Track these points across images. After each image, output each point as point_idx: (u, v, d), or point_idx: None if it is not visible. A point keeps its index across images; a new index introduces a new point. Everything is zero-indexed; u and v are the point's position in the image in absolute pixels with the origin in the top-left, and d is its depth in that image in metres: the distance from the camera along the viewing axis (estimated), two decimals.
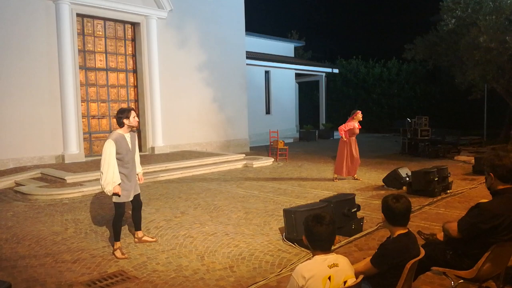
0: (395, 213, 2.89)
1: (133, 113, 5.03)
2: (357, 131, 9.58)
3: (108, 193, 4.93)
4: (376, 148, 16.77)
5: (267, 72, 21.12)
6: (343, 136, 9.37)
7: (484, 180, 3.49)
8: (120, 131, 5.03)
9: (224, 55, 15.34)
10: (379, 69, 27.11)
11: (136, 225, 5.48)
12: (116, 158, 4.92)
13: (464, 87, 16.21)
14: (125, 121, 4.99)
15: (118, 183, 4.91)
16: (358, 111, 9.71)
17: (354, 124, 9.48)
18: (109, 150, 4.87)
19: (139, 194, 5.37)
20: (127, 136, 5.07)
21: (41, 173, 9.86)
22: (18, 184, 9.22)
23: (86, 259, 4.82)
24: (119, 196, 4.96)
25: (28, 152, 10.82)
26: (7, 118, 10.47)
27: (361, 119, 9.61)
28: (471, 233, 3.22)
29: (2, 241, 5.57)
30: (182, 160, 11.58)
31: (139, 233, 5.49)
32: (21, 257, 4.95)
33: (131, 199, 5.17)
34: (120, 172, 4.96)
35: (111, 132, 5.22)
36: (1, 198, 8.31)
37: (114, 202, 5.07)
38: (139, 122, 5.07)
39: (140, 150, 13.42)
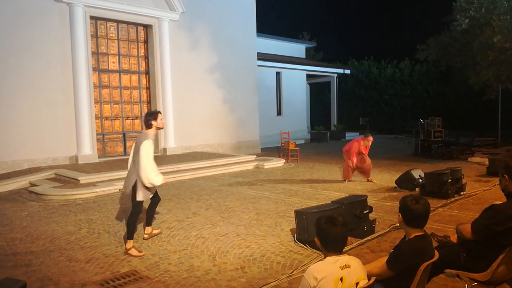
0: (414, 214, 2.84)
1: (160, 116, 5.34)
2: (364, 151, 9.58)
3: (151, 185, 5.19)
4: (388, 149, 16.65)
5: (278, 73, 21.11)
6: (351, 161, 9.43)
7: (499, 182, 3.44)
8: (149, 131, 5.27)
9: (235, 57, 15.38)
10: (391, 70, 26.93)
11: (149, 221, 5.68)
12: None
13: (478, 88, 16.02)
14: (153, 122, 5.27)
15: (161, 176, 5.28)
16: (371, 138, 9.57)
17: (359, 147, 9.49)
18: (150, 148, 5.15)
19: (156, 190, 5.60)
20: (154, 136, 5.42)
21: (55, 173, 9.99)
22: (32, 184, 9.36)
23: (99, 259, 4.87)
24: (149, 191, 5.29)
25: (42, 153, 10.98)
26: (22, 119, 10.64)
27: (368, 147, 9.61)
28: (485, 235, 3.18)
29: (17, 241, 5.66)
30: (194, 161, 11.63)
31: (149, 229, 5.69)
32: (36, 257, 5.02)
33: (150, 197, 5.43)
34: None
35: (141, 133, 5.41)
36: (16, 198, 8.44)
37: (136, 201, 5.23)
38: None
39: None
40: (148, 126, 5.27)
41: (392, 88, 26.41)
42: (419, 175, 8.42)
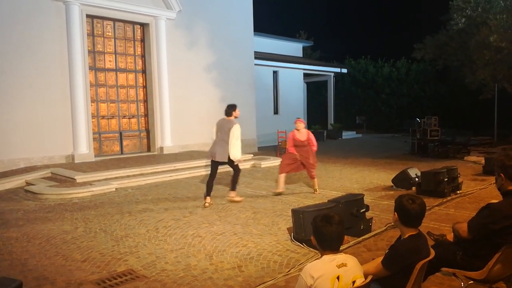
0: (410, 214, 2.83)
1: (237, 108, 7.43)
2: (304, 142, 8.03)
3: (236, 160, 7.34)
4: (385, 148, 16.69)
5: (275, 72, 21.09)
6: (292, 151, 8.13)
7: (495, 181, 3.45)
8: (231, 118, 7.31)
9: (232, 56, 15.36)
10: (388, 69, 26.98)
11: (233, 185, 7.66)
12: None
13: (474, 87, 16.06)
14: (233, 113, 7.34)
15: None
16: (298, 121, 8.19)
17: (293, 135, 8.07)
18: (239, 131, 7.21)
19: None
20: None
21: (51, 172, 9.96)
22: (28, 183, 9.32)
23: (95, 258, 4.86)
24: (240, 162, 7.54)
25: (38, 152, 10.93)
26: (18, 118, 10.58)
27: (300, 128, 8.05)
28: (481, 233, 3.19)
29: (13, 240, 5.63)
30: (191, 160, 11.62)
31: (232, 193, 7.63)
32: (32, 256, 5.01)
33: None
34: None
35: (223, 119, 7.56)
36: (11, 197, 8.41)
37: (236, 165, 7.46)
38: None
39: (148, 150, 13.53)
40: (229, 115, 7.33)
41: (388, 87, 26.45)
42: (416, 174, 8.45)
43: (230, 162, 7.37)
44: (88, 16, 11.92)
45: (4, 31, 10.35)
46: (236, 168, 7.53)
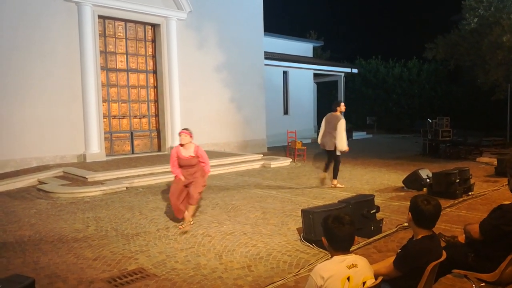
0: (424, 215, 2.81)
1: (342, 104, 8.55)
2: (191, 160, 6.19)
3: (342, 150, 8.34)
4: (396, 149, 16.57)
5: (285, 73, 21.08)
6: (179, 176, 6.20)
7: (507, 182, 3.42)
8: (337, 113, 8.35)
9: (242, 56, 15.38)
10: (399, 69, 26.81)
11: (335, 175, 8.65)
12: None
13: (486, 87, 15.88)
14: (338, 108, 8.46)
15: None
16: (182, 130, 6.41)
17: (177, 152, 6.25)
18: (344, 124, 8.26)
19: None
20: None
21: (63, 171, 10.07)
22: (41, 182, 9.44)
23: (106, 257, 4.90)
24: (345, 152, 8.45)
25: (50, 151, 11.06)
26: (31, 118, 10.72)
27: (185, 142, 6.21)
28: (494, 235, 3.16)
29: (26, 238, 5.71)
30: None
31: (335, 181, 8.65)
32: (44, 254, 5.07)
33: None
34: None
35: (330, 114, 8.70)
36: (24, 196, 8.52)
37: (336, 155, 8.41)
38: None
39: (159, 149, 13.61)
40: (335, 110, 8.40)
41: (400, 87, 26.28)
42: (427, 175, 8.38)
43: (333, 152, 8.43)
44: (100, 16, 12.03)
45: (17, 32, 10.49)
46: (336, 159, 8.53)
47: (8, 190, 8.99)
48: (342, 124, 8.25)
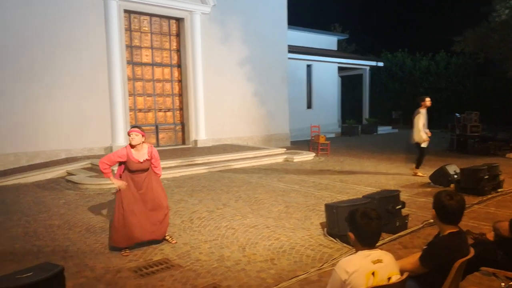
0: (447, 211, 2.76)
1: (427, 98, 9.12)
2: (144, 164, 5.00)
3: (420, 142, 9.08)
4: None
5: (309, 66, 20.93)
6: (111, 177, 5.04)
7: None
8: (420, 109, 9.12)
9: (265, 50, 15.34)
10: (426, 62, 26.22)
11: (418, 165, 9.35)
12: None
13: None
14: (422, 103, 9.13)
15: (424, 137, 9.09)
16: (132, 128, 5.04)
17: (128, 153, 4.97)
18: (418, 119, 9.05)
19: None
20: (424, 111, 9.17)
21: (90, 163, 10.30)
22: (69, 173, 9.69)
23: (133, 247, 5.00)
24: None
25: (78, 143, 11.34)
26: (60, 111, 11.01)
27: (136, 143, 4.91)
28: None
29: (55, 227, 5.88)
30: (224, 153, 11.73)
31: (416, 170, 9.35)
32: (73, 243, 5.21)
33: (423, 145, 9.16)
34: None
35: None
36: (53, 186, 8.77)
37: (421, 147, 9.14)
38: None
39: (183, 143, 13.77)
40: (419, 105, 9.13)
41: (427, 81, 25.72)
42: (454, 171, 8.20)
43: (418, 144, 9.21)
44: (125, 11, 12.20)
45: (45, 28, 10.75)
46: (420, 150, 9.21)
47: (38, 181, 9.28)
48: (417, 118, 9.07)
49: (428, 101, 9.14)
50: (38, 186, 8.85)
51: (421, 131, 9.04)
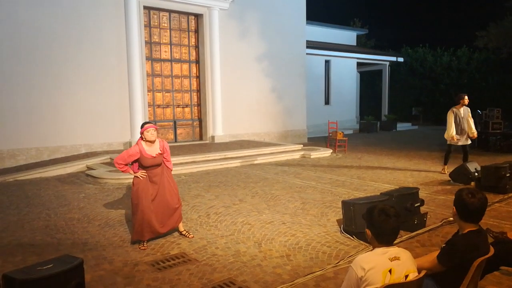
0: (469, 209, 2.72)
1: (463, 96, 8.98)
2: (157, 158, 5.05)
3: (448, 139, 9.11)
4: (442, 141, 15.93)
5: (327, 62, 20.76)
6: (130, 171, 5.15)
7: None
8: (456, 108, 9.04)
9: (283, 45, 15.28)
10: (447, 58, 25.72)
11: (445, 161, 9.35)
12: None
13: None
14: (461, 101, 8.94)
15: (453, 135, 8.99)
16: (146, 124, 5.05)
17: (141, 150, 4.98)
18: (449, 118, 9.02)
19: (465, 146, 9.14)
20: (461, 110, 9.06)
21: (110, 158, 10.45)
22: (89, 168, 9.86)
23: (150, 241, 5.06)
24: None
25: (98, 138, 11.52)
26: (80, 107, 11.20)
27: (151, 139, 4.97)
28: None
29: (75, 221, 6.00)
30: (241, 149, 11.75)
31: (441, 167, 9.42)
32: (92, 236, 5.31)
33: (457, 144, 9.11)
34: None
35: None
36: (74, 180, 8.94)
37: (448, 144, 9.19)
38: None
39: (200, 138, 13.85)
40: (458, 103, 9.04)
41: (448, 77, 25.23)
42: (475, 169, 8.04)
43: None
44: (145, 7, 12.31)
45: (66, 25, 10.93)
46: (447, 148, 9.28)
47: (58, 175, 9.47)
48: (448, 116, 9.07)
49: (466, 99, 9.02)
50: (59, 180, 9.04)
51: (448, 129, 8.98)
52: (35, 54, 10.49)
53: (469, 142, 9.27)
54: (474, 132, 9.11)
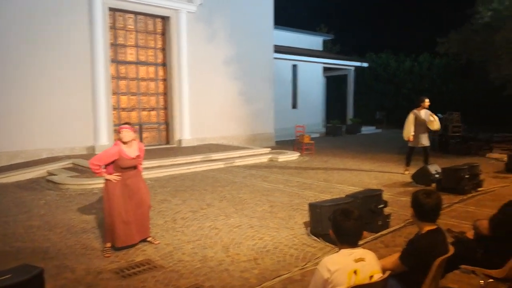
0: (424, 208, 2.82)
1: (423, 99, 9.30)
2: (135, 160, 4.98)
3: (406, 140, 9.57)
4: (405, 143, 16.38)
5: (294, 66, 20.99)
6: (103, 175, 4.92)
7: None
8: (416, 110, 9.31)
9: (251, 49, 15.33)
10: (410, 63, 26.54)
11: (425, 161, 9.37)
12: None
13: (498, 83, 15.64)
14: (421, 104, 9.26)
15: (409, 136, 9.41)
16: (122, 125, 5.15)
17: (119, 151, 4.89)
18: (409, 118, 9.38)
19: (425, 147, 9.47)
20: (422, 112, 9.33)
21: (72, 163, 10.15)
22: (50, 173, 9.52)
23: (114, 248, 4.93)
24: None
25: (60, 142, 11.16)
26: (41, 110, 10.81)
27: (128, 140, 4.94)
28: (504, 231, 3.12)
29: (35, 228, 5.78)
30: (209, 153, 11.68)
31: (403, 168, 9.79)
32: (53, 244, 5.12)
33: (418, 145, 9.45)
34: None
35: None
36: (34, 186, 8.61)
37: (408, 146, 9.57)
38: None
39: (167, 142, 13.66)
40: (418, 106, 9.34)
41: (410, 82, 26.03)
42: (436, 170, 8.31)
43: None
44: (110, 9, 12.05)
45: (27, 24, 10.54)
46: (407, 149, 9.70)
47: (18, 181, 9.10)
48: (409, 116, 9.43)
49: (427, 102, 9.36)
50: (18, 186, 8.69)
51: (406, 128, 9.39)
52: None
53: (428, 144, 9.56)
54: (437, 124, 9.35)
